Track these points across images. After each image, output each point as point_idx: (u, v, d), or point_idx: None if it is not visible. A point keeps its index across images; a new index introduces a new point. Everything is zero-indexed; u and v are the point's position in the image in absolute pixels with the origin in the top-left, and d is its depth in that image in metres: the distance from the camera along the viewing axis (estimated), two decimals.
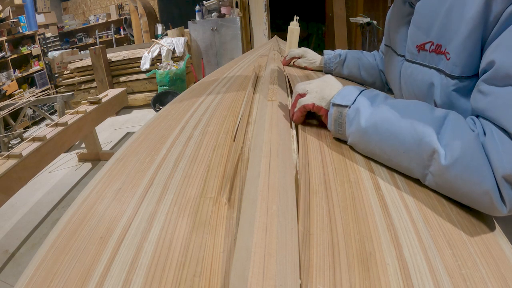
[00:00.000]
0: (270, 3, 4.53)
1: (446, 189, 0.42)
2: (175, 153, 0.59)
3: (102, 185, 0.52)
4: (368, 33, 4.25)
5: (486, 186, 0.37)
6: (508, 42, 0.41)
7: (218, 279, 0.33)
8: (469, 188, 0.39)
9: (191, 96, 0.97)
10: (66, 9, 6.28)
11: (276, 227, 0.34)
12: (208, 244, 0.38)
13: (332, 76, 0.61)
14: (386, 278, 0.32)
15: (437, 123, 0.42)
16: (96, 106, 2.46)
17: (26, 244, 1.95)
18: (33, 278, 0.36)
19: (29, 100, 3.01)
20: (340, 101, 0.52)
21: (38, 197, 2.42)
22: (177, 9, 5.14)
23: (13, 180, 1.65)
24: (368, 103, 0.49)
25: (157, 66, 3.96)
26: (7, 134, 3.12)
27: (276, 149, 0.50)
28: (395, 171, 0.49)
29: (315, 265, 0.33)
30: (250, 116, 0.72)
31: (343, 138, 0.54)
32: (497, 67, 0.41)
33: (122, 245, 0.39)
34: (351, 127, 0.50)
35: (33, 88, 4.60)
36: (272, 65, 1.06)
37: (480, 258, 0.35)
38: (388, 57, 0.73)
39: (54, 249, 0.40)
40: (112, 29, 5.92)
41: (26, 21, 4.61)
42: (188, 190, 0.48)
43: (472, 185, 0.38)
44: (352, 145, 0.53)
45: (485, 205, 0.39)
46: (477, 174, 0.38)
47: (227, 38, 4.40)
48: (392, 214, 0.40)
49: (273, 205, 0.37)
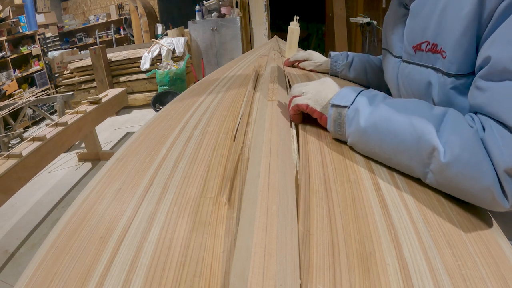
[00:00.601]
0: (270, 3, 4.53)
1: (447, 187, 0.42)
2: (175, 153, 0.59)
3: (102, 185, 0.52)
4: (368, 33, 4.25)
5: (487, 182, 0.37)
6: (503, 37, 0.41)
7: (218, 279, 0.33)
8: (469, 185, 0.39)
9: (191, 96, 0.97)
10: (66, 9, 6.28)
11: (276, 227, 0.34)
12: (208, 244, 0.38)
13: (330, 77, 0.61)
14: (386, 278, 0.32)
15: (436, 121, 0.42)
16: (96, 106, 2.47)
17: (26, 244, 1.95)
18: (33, 278, 0.36)
19: (29, 100, 3.01)
20: (339, 101, 0.52)
21: (38, 197, 2.42)
22: (177, 9, 5.14)
23: (13, 180, 1.65)
24: (367, 103, 0.49)
25: (157, 66, 3.96)
26: (7, 134, 3.12)
27: (276, 149, 0.50)
28: (395, 171, 0.49)
29: (315, 265, 0.33)
30: (250, 116, 0.72)
31: (343, 138, 0.54)
32: (493, 63, 0.41)
33: (122, 245, 0.39)
34: (351, 127, 0.51)
35: (33, 88, 4.60)
36: (272, 65, 1.06)
37: (480, 258, 0.35)
38: (386, 60, 0.73)
39: (54, 249, 0.40)
40: (112, 29, 5.92)
41: (26, 21, 4.61)
42: (188, 190, 0.48)
43: (472, 181, 0.38)
44: (352, 145, 0.53)
45: (486, 201, 0.39)
46: (477, 170, 0.38)
47: (227, 38, 4.40)
48: (392, 214, 0.40)
49: (273, 205, 0.37)
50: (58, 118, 2.37)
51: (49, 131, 2.02)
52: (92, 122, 2.47)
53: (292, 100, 0.62)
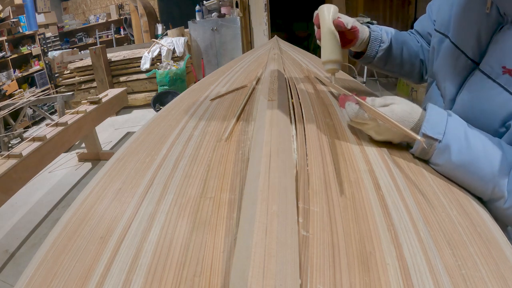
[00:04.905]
0: (270, 3, 4.53)
1: (498, 217, 0.49)
2: (175, 153, 0.59)
3: (102, 185, 0.52)
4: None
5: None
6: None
7: (218, 279, 0.33)
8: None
9: (191, 96, 0.97)
10: (66, 9, 6.28)
11: (276, 227, 0.34)
12: (208, 244, 0.38)
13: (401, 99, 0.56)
14: (386, 278, 0.32)
15: (509, 169, 0.47)
16: (96, 106, 2.47)
17: (26, 244, 1.95)
18: (33, 278, 0.36)
19: (29, 100, 3.01)
20: (432, 132, 0.50)
21: (38, 197, 2.42)
22: (177, 9, 5.14)
23: (13, 180, 1.66)
24: (457, 138, 0.50)
25: (157, 66, 3.97)
26: (7, 134, 3.12)
27: (276, 149, 0.50)
28: (395, 171, 0.49)
29: (315, 265, 0.33)
30: (250, 116, 0.72)
31: (424, 158, 0.54)
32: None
33: (122, 245, 0.39)
34: (439, 159, 0.51)
35: (33, 88, 4.60)
36: (272, 66, 1.06)
37: (480, 258, 0.35)
38: (446, 50, 0.65)
39: (54, 249, 0.40)
40: (112, 29, 5.92)
41: (26, 21, 4.61)
42: (188, 190, 0.48)
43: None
44: (434, 168, 0.53)
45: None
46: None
47: (227, 38, 4.40)
48: (392, 214, 0.40)
49: (273, 205, 0.37)
50: (58, 118, 2.37)
51: (49, 131, 2.02)
52: (92, 122, 2.47)
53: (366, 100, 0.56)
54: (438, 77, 0.68)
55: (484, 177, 0.48)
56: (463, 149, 0.49)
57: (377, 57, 0.79)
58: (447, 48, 0.64)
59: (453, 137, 0.50)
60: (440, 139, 0.50)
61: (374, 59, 0.79)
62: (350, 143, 0.57)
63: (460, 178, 0.50)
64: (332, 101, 0.78)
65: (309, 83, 0.94)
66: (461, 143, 0.49)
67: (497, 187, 0.47)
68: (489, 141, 0.50)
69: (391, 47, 0.79)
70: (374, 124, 0.53)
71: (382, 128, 0.54)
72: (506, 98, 0.51)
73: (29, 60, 4.73)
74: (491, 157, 0.48)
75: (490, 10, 0.56)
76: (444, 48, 0.65)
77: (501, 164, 0.47)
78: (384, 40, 0.78)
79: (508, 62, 0.51)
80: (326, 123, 0.65)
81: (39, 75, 4.69)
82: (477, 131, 0.52)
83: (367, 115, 0.53)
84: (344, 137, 0.59)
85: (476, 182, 0.49)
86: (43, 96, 3.13)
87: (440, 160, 0.51)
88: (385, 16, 4.69)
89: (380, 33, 0.78)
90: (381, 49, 0.78)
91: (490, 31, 0.56)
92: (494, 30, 0.55)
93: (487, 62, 0.55)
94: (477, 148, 0.49)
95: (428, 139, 0.50)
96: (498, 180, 0.47)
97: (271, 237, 0.33)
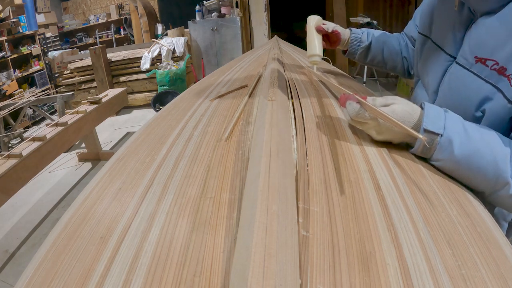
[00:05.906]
0: (270, 3, 4.53)
1: (504, 206, 0.53)
2: (175, 153, 0.59)
3: (102, 185, 0.52)
4: None
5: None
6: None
7: (218, 279, 0.33)
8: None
9: (191, 96, 0.97)
10: (66, 9, 6.27)
11: (276, 227, 0.34)
12: (208, 244, 0.38)
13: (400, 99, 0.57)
14: (386, 278, 0.32)
15: (509, 156, 0.48)
16: (96, 106, 2.47)
17: (26, 244, 1.95)
18: (33, 278, 0.36)
19: (29, 100, 3.01)
20: (432, 127, 0.50)
21: (38, 197, 2.42)
22: (177, 9, 5.13)
23: (13, 180, 1.66)
24: (457, 131, 0.50)
25: (157, 66, 3.96)
26: (7, 134, 3.12)
27: (276, 149, 0.50)
28: (395, 171, 0.49)
29: (315, 265, 0.33)
30: (250, 116, 0.72)
31: (425, 156, 0.54)
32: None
33: (122, 245, 0.39)
34: (441, 154, 0.51)
35: (33, 88, 4.59)
36: (272, 65, 1.06)
37: (480, 258, 0.35)
38: (428, 50, 0.70)
39: (54, 249, 0.40)
40: (112, 29, 5.91)
41: (26, 21, 4.61)
42: (188, 190, 0.48)
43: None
44: (437, 166, 0.53)
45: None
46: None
47: (227, 38, 4.40)
48: (392, 214, 0.40)
49: (273, 205, 0.37)
50: (58, 118, 2.37)
51: (49, 131, 2.02)
52: (92, 122, 2.47)
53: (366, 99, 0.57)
54: (422, 74, 0.74)
55: (487, 167, 0.48)
56: (464, 142, 0.49)
57: (358, 53, 0.96)
58: (429, 48, 0.71)
59: (453, 130, 0.50)
60: (441, 133, 0.50)
61: (355, 55, 0.97)
62: (350, 143, 0.57)
63: (462, 171, 0.50)
64: (332, 101, 0.78)
65: (309, 83, 0.94)
66: (461, 136, 0.50)
67: (501, 175, 0.47)
68: (485, 130, 0.51)
69: (370, 46, 0.94)
70: (375, 124, 0.53)
71: (383, 128, 0.54)
72: (479, 83, 0.55)
73: (29, 60, 4.72)
74: (491, 146, 0.49)
75: (458, 7, 0.62)
76: (426, 49, 0.72)
77: (501, 152, 0.48)
78: (364, 41, 0.94)
79: (479, 52, 0.56)
80: (326, 123, 0.65)
81: (39, 75, 4.69)
82: (472, 123, 0.52)
83: (368, 114, 0.53)
84: (344, 137, 0.59)
85: (479, 173, 0.49)
86: (43, 96, 3.13)
87: (443, 155, 0.51)
88: (385, 16, 4.69)
89: (360, 35, 0.95)
90: (360, 47, 0.95)
91: (463, 27, 0.61)
92: (466, 26, 0.60)
93: (462, 54, 0.60)
94: (476, 140, 0.49)
95: (429, 135, 0.51)
96: (501, 168, 0.48)
97: (271, 237, 0.33)
